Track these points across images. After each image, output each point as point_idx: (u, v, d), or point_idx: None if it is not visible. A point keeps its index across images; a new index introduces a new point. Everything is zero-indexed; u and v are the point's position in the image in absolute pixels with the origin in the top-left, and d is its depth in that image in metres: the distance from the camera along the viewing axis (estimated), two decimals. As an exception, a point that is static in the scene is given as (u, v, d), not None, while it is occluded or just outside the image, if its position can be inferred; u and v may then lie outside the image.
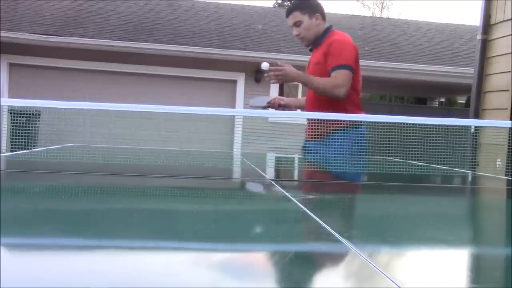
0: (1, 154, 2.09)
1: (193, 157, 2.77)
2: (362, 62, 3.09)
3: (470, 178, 2.31)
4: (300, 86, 11.04)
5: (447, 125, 3.83)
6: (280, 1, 27.60)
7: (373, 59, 10.68)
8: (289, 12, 3.05)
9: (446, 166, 2.67)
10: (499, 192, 1.74)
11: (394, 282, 0.55)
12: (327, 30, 3.03)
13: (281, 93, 11.16)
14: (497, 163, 4.83)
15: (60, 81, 9.78)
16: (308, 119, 3.11)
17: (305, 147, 3.15)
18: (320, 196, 1.44)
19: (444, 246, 0.79)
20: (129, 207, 1.06)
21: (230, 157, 3.13)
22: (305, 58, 11.21)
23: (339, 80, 2.79)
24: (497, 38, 5.39)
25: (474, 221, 1.18)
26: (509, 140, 4.13)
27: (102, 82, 9.87)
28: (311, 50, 3.14)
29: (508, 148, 4.25)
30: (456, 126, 4.00)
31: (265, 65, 3.00)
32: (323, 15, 3.06)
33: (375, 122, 2.82)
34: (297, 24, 2.99)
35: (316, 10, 3.03)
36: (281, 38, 11.33)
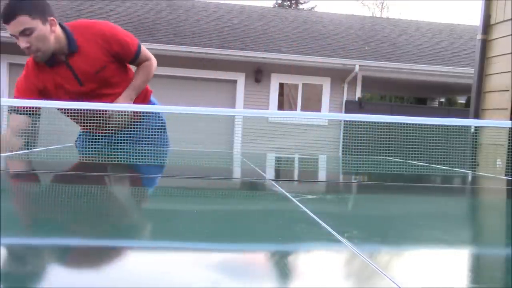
0: (1, 154, 2.09)
1: (193, 157, 2.77)
2: (362, 62, 3.11)
3: (470, 178, 2.31)
4: (300, 85, 11.06)
5: (447, 125, 3.84)
6: (280, 1, 27.60)
7: (373, 59, 10.69)
8: (12, 17, 2.20)
9: (446, 166, 2.67)
10: (499, 192, 1.74)
11: (394, 282, 0.55)
12: (69, 32, 2.37)
13: (281, 93, 11.18)
14: (497, 163, 4.84)
15: (60, 81, 9.79)
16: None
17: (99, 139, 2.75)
18: (320, 196, 1.44)
19: (444, 246, 0.79)
20: (129, 207, 1.06)
21: (230, 157, 3.13)
22: (305, 58, 11.28)
23: (146, 58, 2.62)
24: (497, 38, 5.39)
25: (474, 221, 1.18)
26: (509, 140, 4.13)
27: (102, 82, 9.89)
28: (52, 65, 2.39)
29: (508, 148, 4.25)
30: (456, 126, 4.00)
31: None
32: (53, 16, 2.34)
33: (375, 122, 2.82)
34: (25, 32, 2.23)
35: (47, 14, 2.29)
36: (281, 38, 11.33)
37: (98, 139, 2.76)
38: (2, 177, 1.41)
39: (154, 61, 2.72)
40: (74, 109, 2.51)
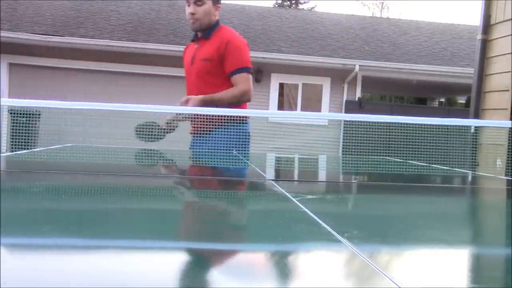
0: (1, 154, 2.09)
1: (193, 157, 2.77)
2: (362, 62, 3.17)
3: (470, 178, 2.31)
4: (300, 85, 11.06)
5: (447, 125, 3.83)
6: (280, 1, 27.59)
7: (373, 59, 10.69)
8: None
9: (446, 166, 2.67)
10: (499, 192, 1.74)
11: (394, 282, 0.55)
12: (216, 24, 2.84)
13: (281, 93, 11.18)
14: (497, 163, 4.84)
15: (60, 81, 9.78)
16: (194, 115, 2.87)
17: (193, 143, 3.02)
18: (320, 196, 1.44)
19: (444, 246, 0.79)
20: (129, 207, 1.06)
21: (230, 157, 3.13)
22: (305, 58, 11.26)
23: (244, 85, 2.77)
24: (497, 38, 5.40)
25: (474, 221, 1.18)
26: (509, 140, 4.13)
27: (102, 82, 9.87)
28: (193, 40, 2.93)
29: (508, 148, 4.25)
30: (456, 126, 4.00)
31: None
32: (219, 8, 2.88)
33: (375, 122, 2.82)
34: (198, 3, 2.74)
35: (218, 1, 2.86)
36: (281, 38, 11.33)
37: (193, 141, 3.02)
38: (2, 177, 1.41)
39: (248, 92, 2.81)
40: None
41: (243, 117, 2.87)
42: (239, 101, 2.81)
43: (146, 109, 2.85)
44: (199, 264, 0.63)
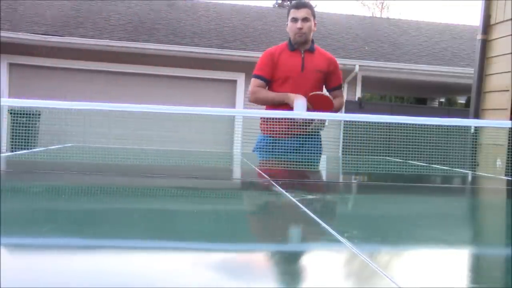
0: (1, 154, 2.09)
1: (193, 157, 2.77)
2: (362, 62, 3.32)
3: (470, 178, 2.31)
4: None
5: (447, 125, 3.83)
6: (280, 1, 27.60)
7: (373, 59, 10.68)
8: (303, 6, 3.27)
9: (446, 166, 2.67)
10: (499, 192, 1.74)
11: (394, 282, 0.55)
12: (313, 40, 3.34)
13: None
14: (497, 163, 4.83)
15: (60, 81, 9.78)
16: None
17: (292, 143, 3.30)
18: (320, 196, 1.44)
19: (444, 246, 0.79)
20: (129, 207, 1.06)
21: (230, 157, 3.13)
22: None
23: (342, 97, 3.45)
24: (497, 38, 5.39)
25: (474, 221, 1.18)
26: (509, 140, 4.12)
27: (102, 82, 9.86)
28: (294, 49, 3.30)
29: (508, 148, 4.24)
30: (456, 126, 3.99)
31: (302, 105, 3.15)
32: None
33: (375, 122, 2.82)
34: (305, 20, 3.22)
35: (315, 19, 3.36)
36: (281, 38, 11.33)
37: (278, 143, 3.26)
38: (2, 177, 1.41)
39: (343, 102, 3.49)
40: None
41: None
42: (339, 110, 3.47)
43: (146, 109, 2.85)
44: (199, 264, 0.63)
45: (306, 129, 3.21)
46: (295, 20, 3.22)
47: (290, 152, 3.19)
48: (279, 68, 3.26)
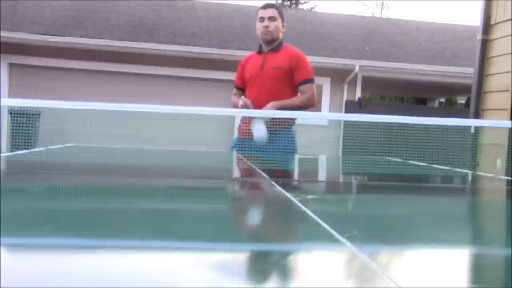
0: (1, 154, 2.09)
1: (193, 157, 2.77)
2: (362, 62, 3.29)
3: (470, 178, 2.31)
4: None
5: (447, 125, 3.83)
6: (280, 1, 27.59)
7: (373, 59, 10.68)
8: (270, 6, 3.39)
9: (446, 166, 2.67)
10: (499, 192, 1.74)
11: (394, 282, 0.55)
12: (282, 41, 3.38)
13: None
14: (497, 163, 4.83)
15: (60, 81, 9.78)
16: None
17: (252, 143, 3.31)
18: (320, 196, 1.45)
19: (444, 246, 0.79)
20: (129, 207, 1.06)
21: (230, 157, 3.13)
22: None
23: (310, 93, 3.27)
24: (497, 38, 5.39)
25: (474, 221, 1.18)
26: (509, 140, 4.12)
27: (102, 82, 9.86)
28: (260, 52, 3.38)
29: (508, 148, 4.24)
30: (456, 126, 3.99)
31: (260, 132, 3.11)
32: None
33: (375, 122, 2.82)
34: (272, 19, 3.31)
35: (284, 21, 3.42)
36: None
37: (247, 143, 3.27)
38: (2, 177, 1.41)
39: (314, 99, 3.31)
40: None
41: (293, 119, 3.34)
42: (306, 106, 3.30)
43: (146, 109, 2.85)
44: (199, 264, 0.63)
45: (273, 127, 3.19)
46: (262, 19, 3.33)
47: (257, 151, 3.19)
48: (244, 74, 3.41)
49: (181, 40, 10.21)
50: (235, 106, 3.41)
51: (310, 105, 3.32)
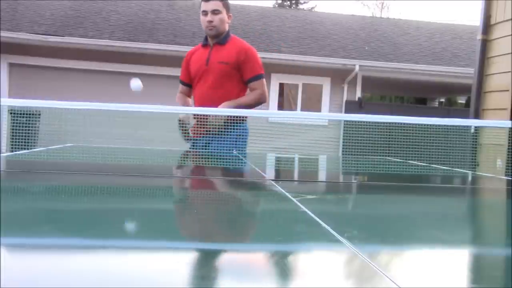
0: (1, 154, 2.09)
1: (193, 157, 2.77)
2: (362, 62, 3.18)
3: (470, 178, 2.31)
4: (300, 85, 11.06)
5: (447, 125, 3.83)
6: (280, 1, 27.58)
7: (373, 59, 10.68)
8: None
9: (446, 166, 2.67)
10: (499, 192, 1.74)
11: (394, 282, 0.55)
12: (228, 33, 3.19)
13: (281, 93, 11.18)
14: (497, 163, 4.83)
15: (60, 81, 9.78)
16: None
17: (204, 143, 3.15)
18: (320, 196, 1.45)
19: (444, 246, 0.79)
20: (129, 207, 1.06)
21: (230, 157, 3.13)
22: (305, 58, 11.19)
23: (261, 89, 3.13)
24: (497, 38, 5.39)
25: (474, 221, 1.18)
26: (509, 140, 4.12)
27: (102, 82, 9.87)
28: (205, 45, 3.19)
29: (508, 148, 4.24)
30: (456, 126, 4.00)
31: (137, 86, 3.01)
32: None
33: (375, 122, 2.82)
34: (215, 12, 3.10)
35: (229, 11, 3.24)
36: (281, 38, 11.33)
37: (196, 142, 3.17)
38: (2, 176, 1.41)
39: (265, 96, 3.18)
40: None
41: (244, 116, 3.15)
42: (257, 104, 3.15)
43: (146, 109, 2.85)
44: (199, 264, 0.63)
45: (210, 128, 3.06)
46: (205, 13, 3.12)
47: (210, 148, 3.09)
48: (190, 68, 3.24)
49: (181, 40, 10.21)
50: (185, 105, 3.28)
51: (262, 102, 3.17)
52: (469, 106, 5.89)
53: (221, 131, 3.07)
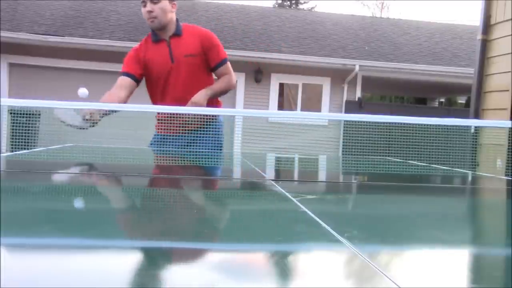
0: (1, 154, 2.09)
1: (193, 157, 2.77)
2: (362, 62, 3.16)
3: (470, 178, 2.31)
4: (300, 85, 11.06)
5: (447, 125, 3.83)
6: (280, 1, 27.59)
7: (373, 59, 10.69)
8: None
9: (446, 166, 2.67)
10: (499, 192, 1.74)
11: (394, 282, 0.55)
12: (177, 21, 2.93)
13: (281, 93, 11.19)
14: (497, 163, 4.83)
15: (60, 81, 9.78)
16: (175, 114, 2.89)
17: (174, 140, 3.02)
18: (320, 196, 1.45)
19: (444, 246, 0.79)
20: (130, 207, 1.06)
21: (230, 157, 3.13)
22: (305, 58, 11.21)
23: (230, 73, 3.00)
24: (497, 38, 5.39)
25: (474, 221, 1.18)
26: (509, 140, 4.12)
27: (102, 82, 9.86)
28: (158, 40, 2.89)
29: (508, 148, 4.24)
30: (456, 126, 4.00)
31: (83, 93, 2.85)
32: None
33: (375, 122, 2.82)
34: (154, 1, 2.81)
35: None
36: (281, 38, 11.33)
37: (171, 140, 3.03)
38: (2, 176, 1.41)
39: (234, 77, 3.05)
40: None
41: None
42: (230, 88, 3.04)
43: (146, 109, 2.85)
44: (199, 264, 0.63)
45: (188, 125, 2.94)
46: (143, 3, 2.84)
47: (183, 146, 3.00)
48: (149, 68, 2.91)
49: (181, 40, 10.21)
50: (106, 101, 2.91)
51: (233, 85, 3.04)
52: (469, 106, 5.89)
53: (203, 126, 2.97)
